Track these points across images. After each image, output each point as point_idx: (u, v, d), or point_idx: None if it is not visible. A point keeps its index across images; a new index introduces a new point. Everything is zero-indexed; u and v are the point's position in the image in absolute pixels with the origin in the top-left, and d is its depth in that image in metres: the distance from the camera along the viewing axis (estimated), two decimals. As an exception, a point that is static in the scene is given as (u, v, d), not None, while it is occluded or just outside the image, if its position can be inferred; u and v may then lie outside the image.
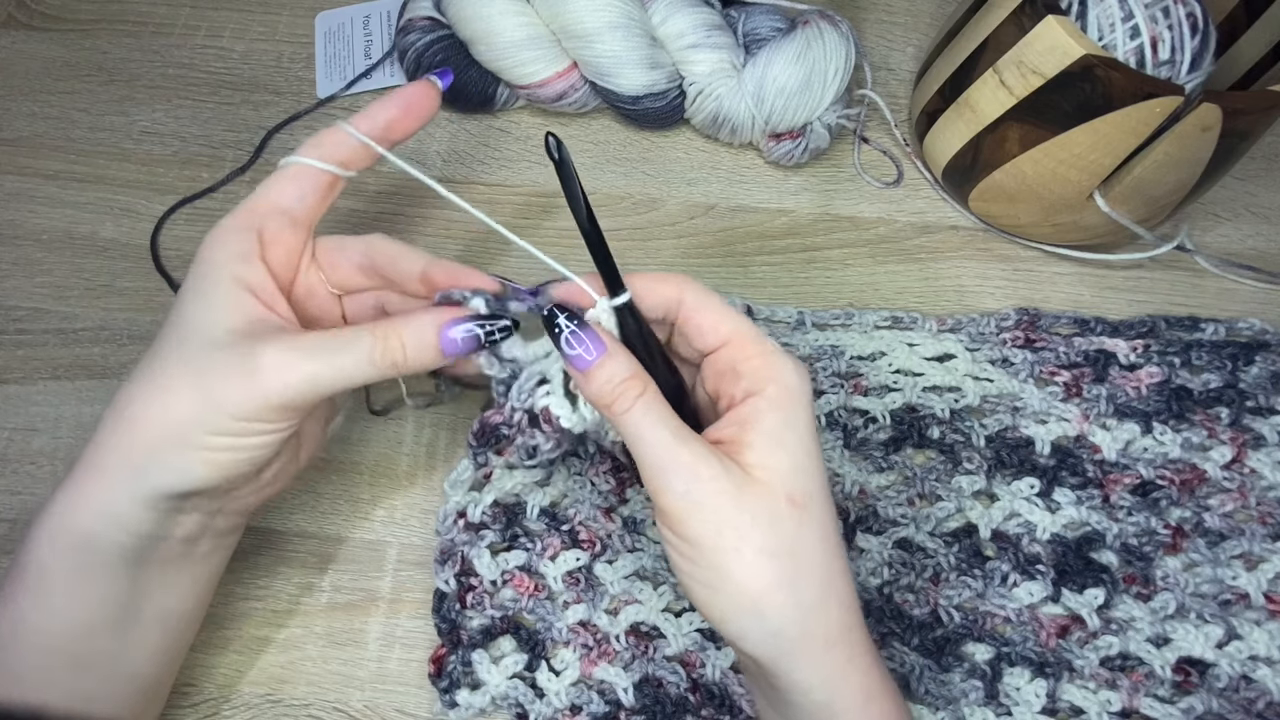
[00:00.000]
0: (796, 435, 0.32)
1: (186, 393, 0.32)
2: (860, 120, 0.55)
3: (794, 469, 0.31)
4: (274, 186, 0.35)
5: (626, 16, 0.49)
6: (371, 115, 0.36)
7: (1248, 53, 0.48)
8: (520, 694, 0.41)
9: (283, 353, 0.32)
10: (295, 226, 0.35)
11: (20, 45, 0.57)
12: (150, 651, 0.36)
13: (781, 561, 0.30)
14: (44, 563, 0.32)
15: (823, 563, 0.31)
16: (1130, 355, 0.47)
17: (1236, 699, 0.41)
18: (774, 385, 0.32)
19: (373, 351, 0.32)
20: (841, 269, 0.51)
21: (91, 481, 0.32)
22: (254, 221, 0.34)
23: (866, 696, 0.31)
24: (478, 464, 0.42)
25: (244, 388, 0.31)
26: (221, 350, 0.32)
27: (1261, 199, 0.54)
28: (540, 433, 0.35)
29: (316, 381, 0.32)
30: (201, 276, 0.33)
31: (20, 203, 0.52)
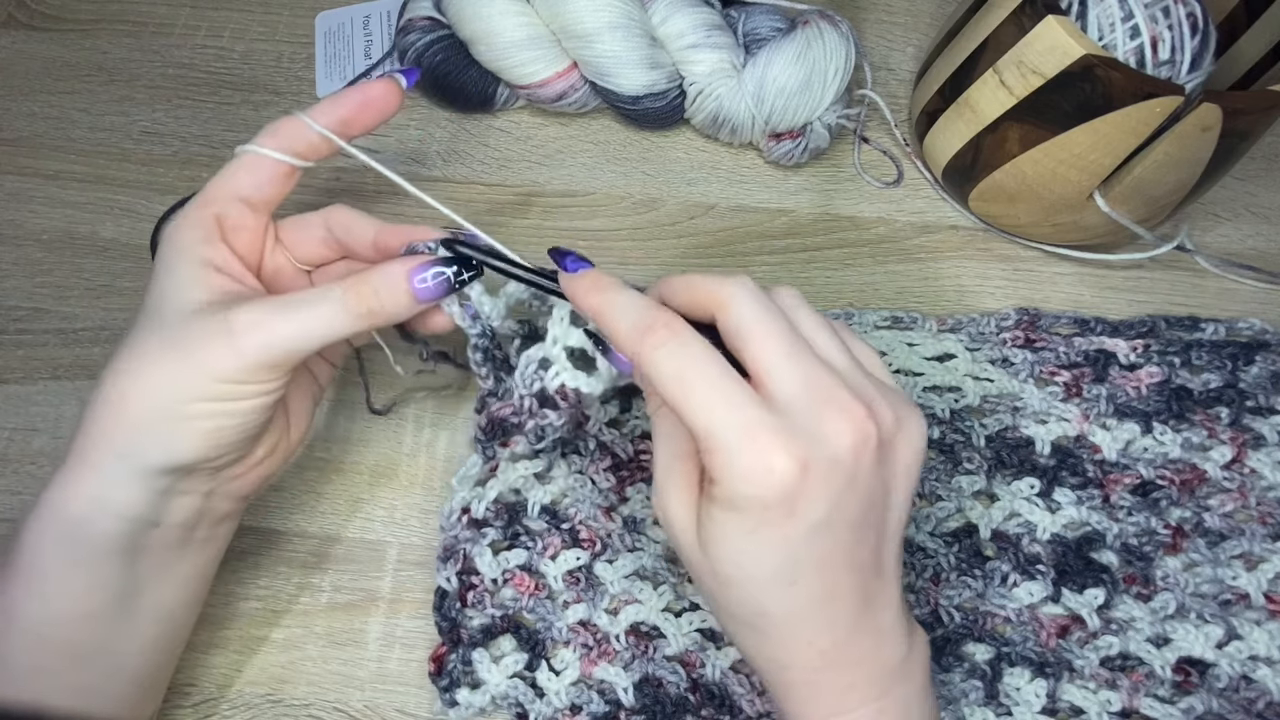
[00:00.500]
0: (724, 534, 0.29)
1: (166, 364, 0.32)
2: (860, 120, 0.55)
3: (720, 556, 0.29)
4: (231, 175, 0.35)
5: (626, 16, 0.49)
6: (331, 108, 0.36)
7: (1248, 53, 0.48)
8: (520, 693, 0.41)
9: (256, 310, 0.32)
10: (254, 213, 0.36)
11: (20, 45, 0.57)
12: (148, 644, 0.36)
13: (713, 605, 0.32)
14: (37, 553, 0.32)
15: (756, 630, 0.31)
16: (1130, 355, 0.47)
17: (1236, 699, 0.41)
18: (714, 485, 0.29)
19: (345, 300, 0.33)
20: (841, 269, 0.51)
21: (81, 469, 0.32)
22: (213, 209, 0.35)
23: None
24: (486, 457, 0.43)
25: (222, 349, 0.32)
26: (197, 318, 0.32)
27: (1261, 199, 0.54)
28: (553, 411, 0.36)
29: (292, 335, 0.32)
30: (168, 261, 0.34)
31: (20, 203, 0.52)
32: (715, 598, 0.31)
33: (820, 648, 0.30)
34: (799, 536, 0.28)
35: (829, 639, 0.30)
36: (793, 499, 0.28)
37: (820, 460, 0.28)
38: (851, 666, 0.31)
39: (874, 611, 0.31)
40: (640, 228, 0.52)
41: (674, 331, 0.29)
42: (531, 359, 0.36)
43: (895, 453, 0.30)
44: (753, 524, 0.28)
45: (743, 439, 0.28)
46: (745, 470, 0.28)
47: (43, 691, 0.33)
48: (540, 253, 0.37)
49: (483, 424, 0.39)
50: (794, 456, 0.27)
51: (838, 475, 0.28)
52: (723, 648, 0.42)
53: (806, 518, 0.28)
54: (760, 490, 0.28)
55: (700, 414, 0.28)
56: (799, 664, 0.31)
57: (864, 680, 0.31)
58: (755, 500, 0.28)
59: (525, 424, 0.38)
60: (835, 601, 0.30)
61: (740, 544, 0.29)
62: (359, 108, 0.37)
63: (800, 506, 0.28)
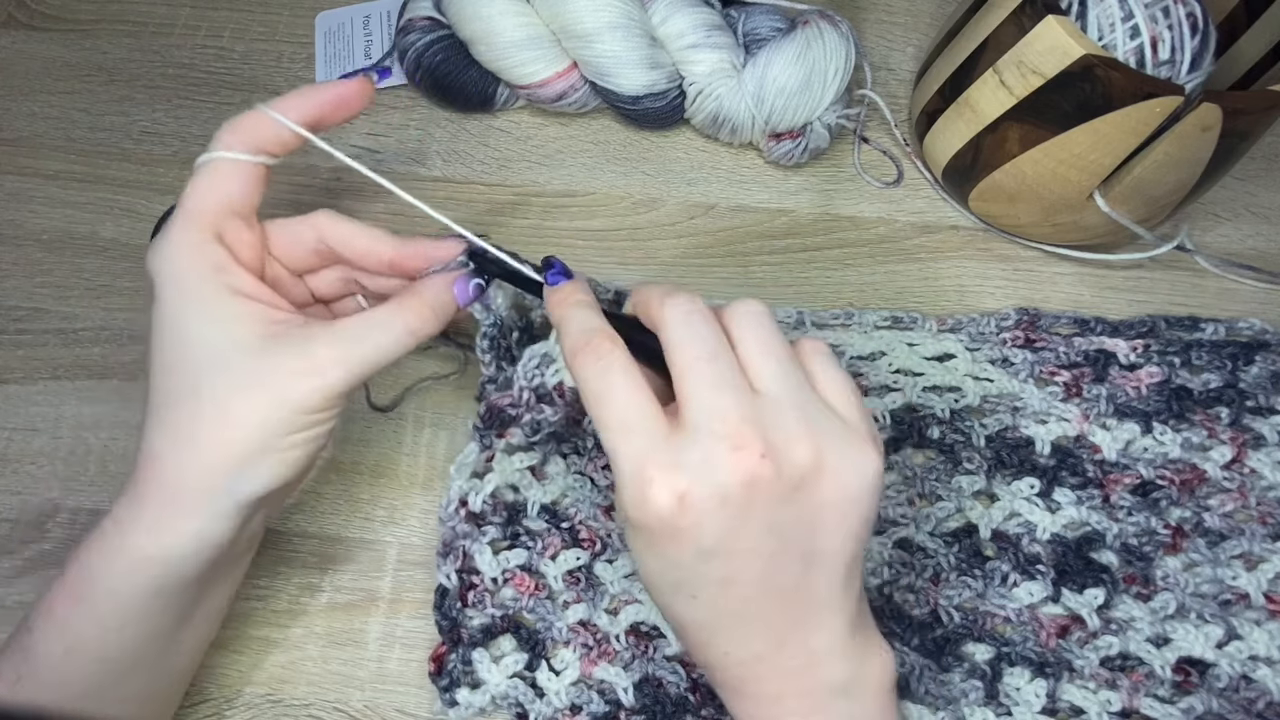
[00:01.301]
0: (634, 552, 0.32)
1: (256, 406, 0.33)
2: (860, 120, 0.55)
3: (640, 567, 0.32)
4: (213, 187, 0.34)
5: (626, 16, 0.49)
6: (302, 103, 0.36)
7: (1248, 53, 0.48)
8: (520, 693, 0.41)
9: (336, 346, 0.34)
10: (248, 224, 0.36)
11: (20, 45, 0.57)
12: (193, 646, 0.38)
13: None
14: (123, 590, 0.33)
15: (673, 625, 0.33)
16: (1130, 355, 0.47)
17: (1236, 699, 0.41)
18: (617, 504, 0.31)
19: (408, 321, 0.35)
20: (841, 269, 0.51)
21: (178, 512, 0.33)
22: (212, 229, 0.34)
23: None
24: (483, 446, 0.43)
25: (309, 383, 0.33)
26: (266, 355, 0.33)
27: (1261, 199, 0.54)
28: (549, 407, 0.38)
29: (368, 362, 0.34)
30: (190, 298, 0.33)
31: (20, 203, 0.52)
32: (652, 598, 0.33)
33: (738, 658, 0.32)
34: (688, 559, 0.30)
35: (746, 652, 0.32)
36: (674, 527, 0.29)
37: (704, 493, 0.29)
38: (779, 678, 0.32)
39: (803, 634, 0.31)
40: (640, 228, 0.52)
41: (601, 354, 0.31)
42: (535, 354, 0.37)
43: (816, 491, 0.30)
44: (644, 542, 0.31)
45: (630, 468, 0.30)
46: (629, 498, 0.30)
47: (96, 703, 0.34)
48: (540, 253, 0.38)
49: (482, 412, 0.40)
50: (671, 490, 0.29)
51: (728, 507, 0.29)
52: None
53: (693, 543, 0.30)
54: (640, 516, 0.30)
55: (606, 436, 0.30)
56: (721, 667, 0.32)
57: (795, 692, 0.32)
58: (639, 524, 0.30)
59: (522, 417, 0.39)
60: (748, 620, 0.31)
61: (641, 556, 0.31)
62: (334, 106, 0.36)
63: (684, 535, 0.29)
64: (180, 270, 0.33)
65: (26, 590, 0.43)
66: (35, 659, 0.33)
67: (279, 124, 0.35)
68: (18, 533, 0.45)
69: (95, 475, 0.46)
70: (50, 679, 0.33)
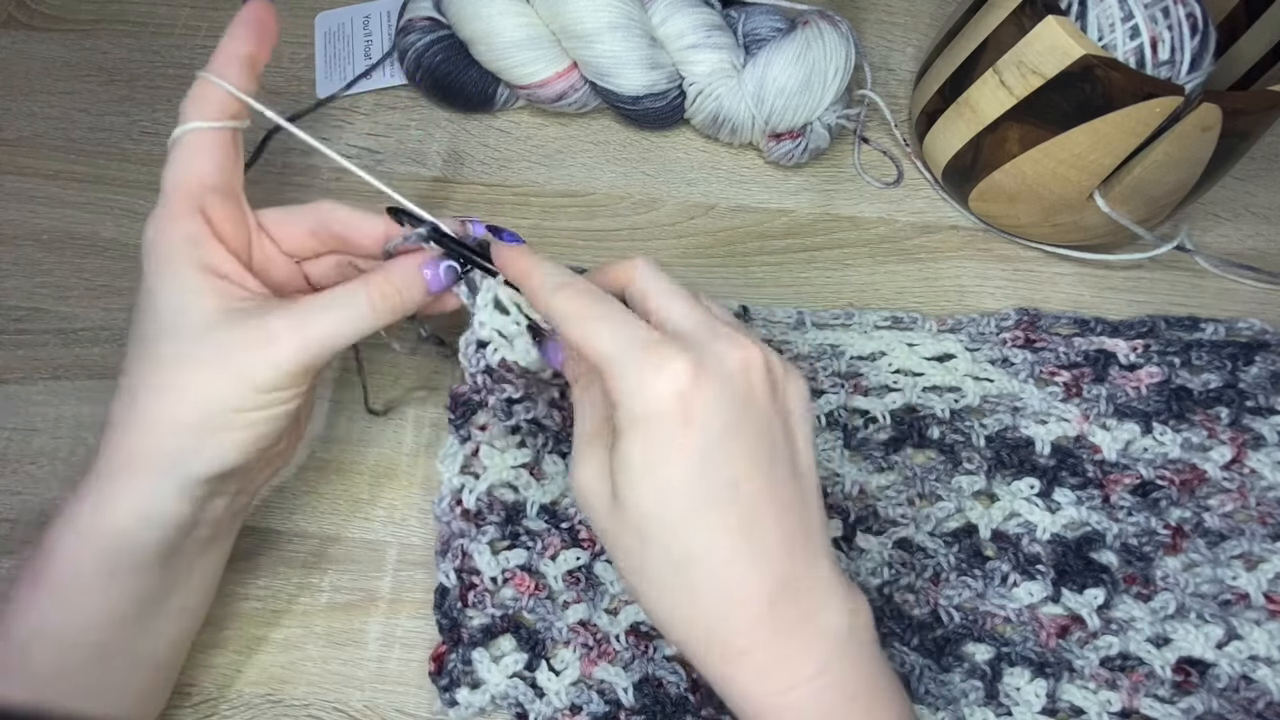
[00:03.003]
0: (629, 462, 0.30)
1: (203, 377, 0.32)
2: (860, 120, 0.55)
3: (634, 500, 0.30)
4: (191, 163, 0.34)
5: (626, 16, 0.49)
6: (229, 55, 0.35)
7: (1248, 53, 0.48)
8: (520, 693, 0.41)
9: (290, 319, 0.33)
10: (228, 196, 0.35)
11: (20, 45, 0.57)
12: (169, 640, 0.37)
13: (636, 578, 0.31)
14: (74, 567, 0.32)
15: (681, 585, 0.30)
16: (1130, 355, 0.47)
17: (1236, 699, 0.41)
18: (614, 410, 0.30)
19: (371, 299, 0.34)
20: (841, 269, 0.51)
21: (120, 483, 0.33)
22: (192, 203, 0.34)
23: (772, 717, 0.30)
24: (461, 437, 0.44)
25: (262, 359, 0.32)
26: (224, 329, 0.33)
27: (1261, 199, 0.54)
28: (508, 384, 0.38)
29: (325, 340, 0.33)
30: (163, 269, 0.33)
31: (20, 203, 0.52)
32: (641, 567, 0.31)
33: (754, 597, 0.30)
34: (701, 447, 0.29)
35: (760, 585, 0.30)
36: (688, 404, 0.29)
37: (711, 370, 0.29)
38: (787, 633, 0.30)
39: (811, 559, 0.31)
40: (640, 228, 0.52)
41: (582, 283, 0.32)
42: (468, 341, 0.37)
43: (787, 395, 0.32)
44: (656, 442, 0.29)
45: (639, 352, 0.30)
46: (640, 378, 0.29)
47: (65, 692, 0.33)
48: None
49: (449, 404, 0.42)
50: (685, 360, 0.29)
51: (730, 389, 0.30)
52: (723, 648, 0.42)
53: (705, 426, 0.29)
54: (656, 394, 0.29)
55: (601, 340, 0.30)
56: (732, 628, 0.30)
57: (799, 652, 0.30)
58: (653, 408, 0.29)
59: (487, 400, 0.40)
60: (759, 537, 0.30)
61: (650, 471, 0.30)
62: (256, 42, 0.36)
63: (696, 414, 0.29)
64: (157, 242, 0.34)
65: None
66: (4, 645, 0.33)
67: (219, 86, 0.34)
68: (18, 533, 0.45)
69: (95, 475, 0.46)
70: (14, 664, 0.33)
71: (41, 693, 0.33)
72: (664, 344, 0.30)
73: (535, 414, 0.44)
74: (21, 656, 0.33)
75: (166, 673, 0.38)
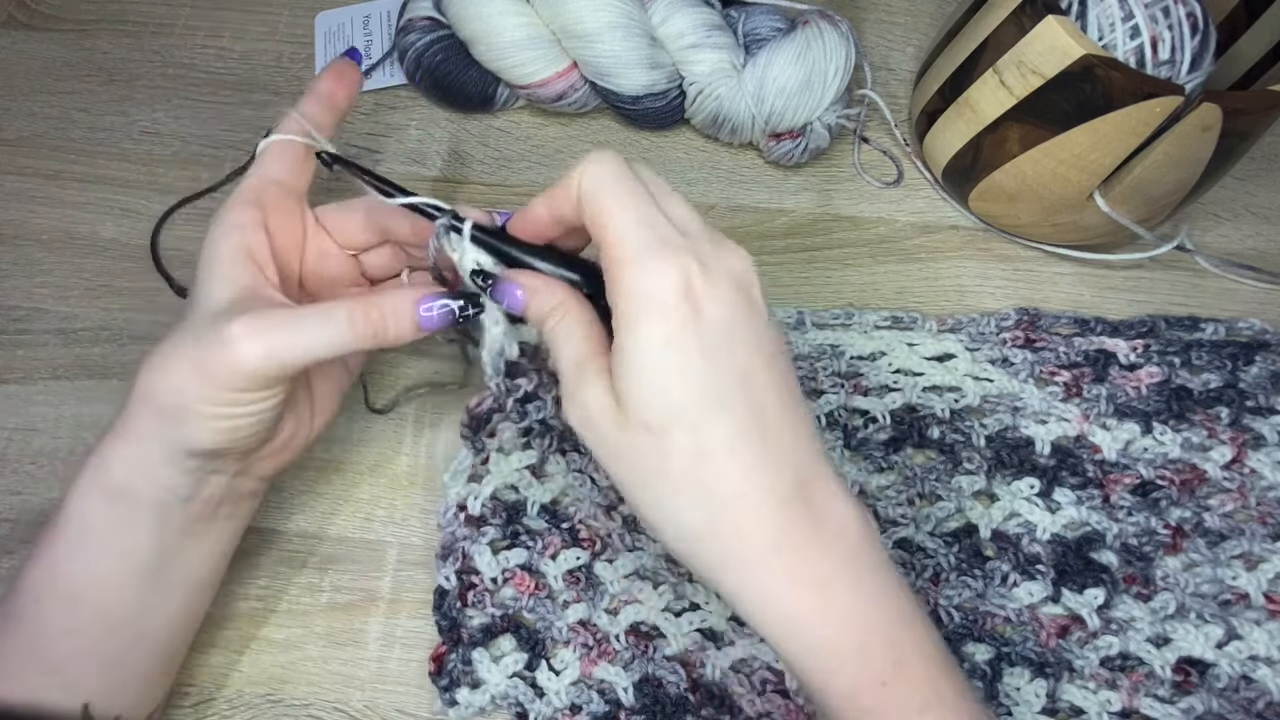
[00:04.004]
0: (641, 352, 0.30)
1: (182, 364, 0.33)
2: (860, 120, 0.55)
3: (646, 394, 0.30)
4: (260, 167, 0.38)
5: (626, 16, 0.49)
6: (313, 89, 0.40)
7: (1248, 53, 0.48)
8: (520, 693, 0.41)
9: (251, 324, 0.33)
10: (288, 193, 0.38)
11: (20, 45, 0.57)
12: (170, 618, 0.37)
13: (649, 492, 0.31)
14: (83, 512, 0.34)
15: (697, 484, 0.30)
16: (1130, 355, 0.47)
17: (1236, 699, 0.41)
18: (622, 300, 0.30)
19: (352, 320, 0.34)
20: (841, 269, 0.51)
21: (125, 439, 0.34)
22: (253, 195, 0.37)
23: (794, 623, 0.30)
24: (475, 450, 0.44)
25: (220, 358, 0.33)
26: (213, 322, 0.34)
27: (1261, 199, 0.54)
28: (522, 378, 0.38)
29: (289, 350, 0.33)
30: (207, 254, 0.36)
31: (20, 203, 0.52)
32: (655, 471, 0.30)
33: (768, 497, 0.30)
34: (712, 339, 0.30)
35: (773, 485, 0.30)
36: (697, 298, 0.30)
37: (714, 268, 0.31)
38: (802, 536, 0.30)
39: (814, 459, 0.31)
40: (640, 228, 0.52)
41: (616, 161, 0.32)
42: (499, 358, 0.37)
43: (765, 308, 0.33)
44: (669, 330, 0.30)
45: (655, 244, 0.30)
46: (654, 269, 0.30)
47: (72, 655, 0.34)
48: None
49: (465, 420, 0.41)
50: (695, 258, 0.30)
51: (735, 290, 0.31)
52: (723, 648, 0.42)
53: (715, 319, 0.30)
54: (670, 285, 0.30)
55: (621, 221, 0.31)
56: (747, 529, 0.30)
57: (818, 556, 0.30)
58: (666, 298, 0.30)
59: (507, 404, 0.39)
60: (770, 434, 0.30)
61: (664, 359, 0.30)
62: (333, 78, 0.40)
63: (706, 307, 0.30)
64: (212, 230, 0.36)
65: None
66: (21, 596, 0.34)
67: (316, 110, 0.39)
68: (18, 533, 0.45)
69: (95, 475, 0.46)
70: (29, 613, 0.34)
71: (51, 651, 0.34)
72: (675, 238, 0.31)
73: (545, 414, 0.43)
74: (36, 607, 0.34)
75: (168, 660, 0.38)
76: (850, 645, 0.29)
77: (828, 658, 0.29)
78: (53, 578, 0.34)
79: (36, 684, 0.34)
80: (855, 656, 0.29)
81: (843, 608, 0.30)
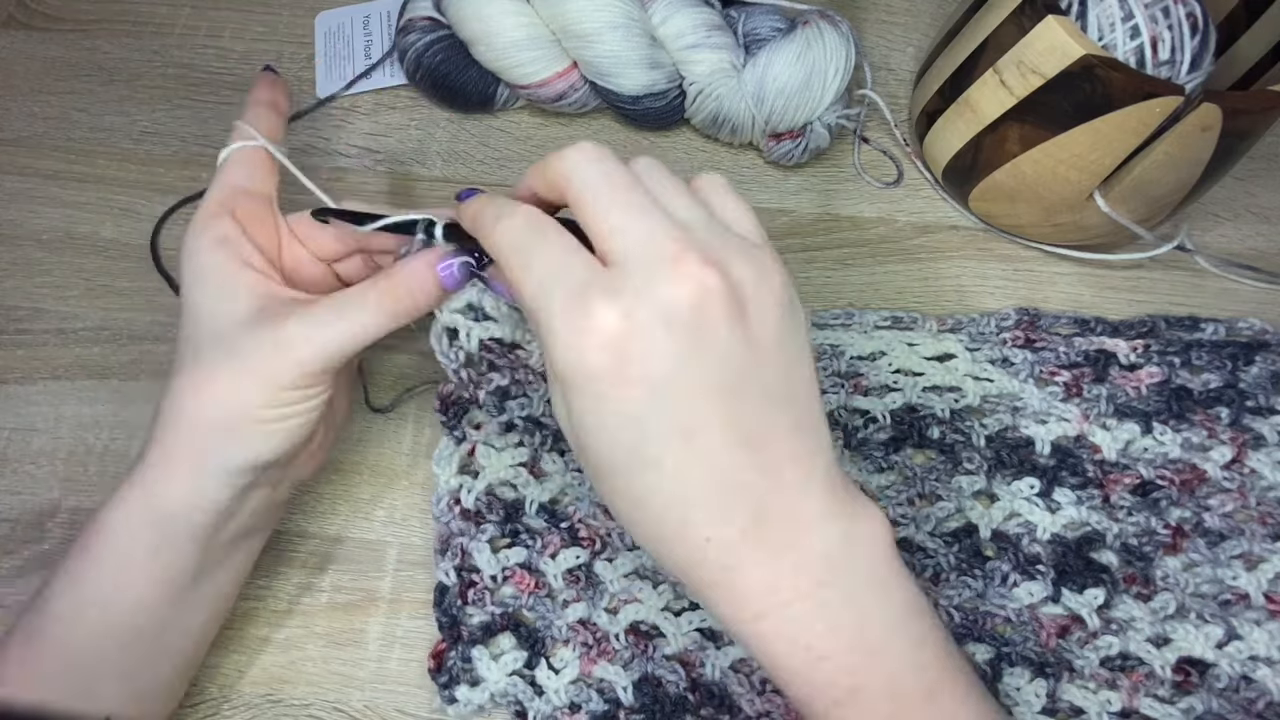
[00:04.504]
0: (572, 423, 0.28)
1: (231, 376, 0.34)
2: (860, 120, 0.55)
3: (581, 450, 0.29)
4: (224, 176, 0.38)
5: (626, 16, 0.49)
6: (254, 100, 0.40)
7: (1248, 53, 0.48)
8: (519, 691, 0.41)
9: (304, 322, 0.34)
10: (259, 200, 0.38)
11: (20, 45, 0.57)
12: (195, 628, 0.38)
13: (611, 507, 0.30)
14: (125, 542, 0.34)
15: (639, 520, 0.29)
16: (1130, 355, 0.47)
17: (1236, 699, 0.41)
18: (550, 367, 0.29)
19: (381, 303, 0.35)
20: (841, 269, 0.51)
21: (170, 467, 0.35)
22: (223, 207, 0.37)
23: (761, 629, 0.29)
24: (455, 438, 0.44)
25: (281, 360, 0.34)
26: (252, 330, 0.34)
27: (1261, 199, 0.54)
28: (494, 372, 0.38)
29: (340, 342, 0.34)
30: (200, 267, 0.36)
31: (20, 203, 0.52)
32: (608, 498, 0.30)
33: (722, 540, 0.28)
34: (641, 404, 0.27)
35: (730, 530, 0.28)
36: (620, 358, 0.26)
37: (649, 313, 0.26)
38: (769, 559, 0.28)
39: (788, 497, 0.28)
40: (640, 228, 0.52)
41: (523, 213, 0.30)
42: (438, 335, 0.37)
43: (761, 311, 0.28)
44: (590, 399, 0.27)
45: (564, 302, 0.27)
46: (565, 334, 0.27)
47: (95, 668, 0.34)
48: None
49: (437, 407, 0.42)
50: (614, 312, 0.26)
51: (677, 329, 0.27)
52: (723, 647, 0.42)
53: (643, 379, 0.27)
54: (580, 357, 0.27)
55: (529, 284, 0.28)
56: (701, 560, 0.29)
57: (790, 571, 0.28)
58: (580, 367, 0.27)
59: (477, 396, 0.40)
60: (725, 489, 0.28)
61: (589, 430, 0.28)
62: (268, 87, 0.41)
63: (633, 369, 0.27)
64: (192, 242, 0.36)
65: (26, 590, 0.43)
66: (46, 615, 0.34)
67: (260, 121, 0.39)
68: (18, 533, 0.45)
69: (95, 475, 0.46)
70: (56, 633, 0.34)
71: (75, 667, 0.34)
72: (595, 290, 0.27)
73: (531, 411, 0.44)
74: (62, 622, 0.34)
75: (185, 670, 0.39)
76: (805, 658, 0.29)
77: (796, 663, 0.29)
78: (83, 596, 0.34)
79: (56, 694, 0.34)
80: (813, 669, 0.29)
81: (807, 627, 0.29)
